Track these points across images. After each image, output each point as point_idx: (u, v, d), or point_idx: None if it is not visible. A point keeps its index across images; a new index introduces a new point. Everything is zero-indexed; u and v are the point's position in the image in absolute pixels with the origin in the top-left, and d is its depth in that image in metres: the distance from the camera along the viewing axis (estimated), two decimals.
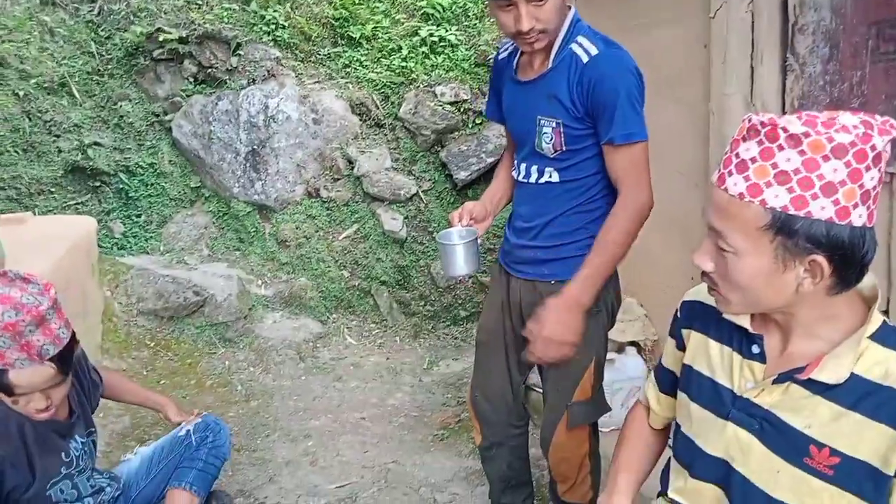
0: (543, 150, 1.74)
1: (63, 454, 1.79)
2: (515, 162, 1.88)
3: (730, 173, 0.99)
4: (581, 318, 1.69)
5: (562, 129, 1.70)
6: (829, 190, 0.92)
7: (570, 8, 1.72)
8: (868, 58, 1.74)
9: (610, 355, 2.67)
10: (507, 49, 1.89)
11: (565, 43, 1.68)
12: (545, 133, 1.72)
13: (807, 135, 0.92)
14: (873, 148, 0.92)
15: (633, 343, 2.91)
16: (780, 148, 0.94)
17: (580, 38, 1.67)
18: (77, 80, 4.68)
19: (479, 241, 1.84)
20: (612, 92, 1.61)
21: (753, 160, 0.96)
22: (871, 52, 1.73)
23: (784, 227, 0.94)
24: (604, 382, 1.99)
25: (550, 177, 1.76)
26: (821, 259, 0.95)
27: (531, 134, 1.76)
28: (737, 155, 0.99)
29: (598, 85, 1.62)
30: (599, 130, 1.66)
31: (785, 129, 0.93)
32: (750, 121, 0.98)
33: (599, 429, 2.68)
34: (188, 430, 2.11)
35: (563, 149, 1.72)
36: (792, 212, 0.93)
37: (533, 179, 1.80)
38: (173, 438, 2.14)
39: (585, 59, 1.64)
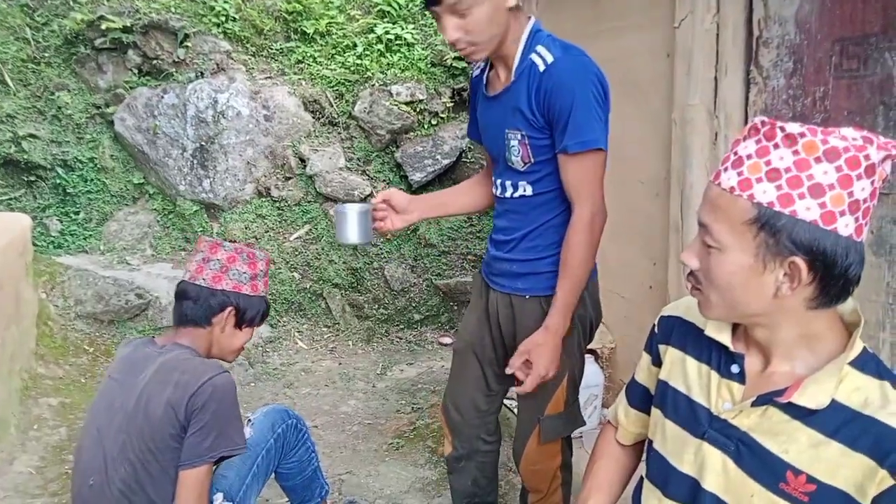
0: (514, 164, 1.71)
1: None
2: (493, 178, 1.86)
3: (725, 169, 1.00)
4: (556, 344, 1.70)
5: (527, 141, 1.67)
6: (817, 191, 0.91)
7: (529, 18, 1.69)
8: (831, 73, 1.76)
9: None
10: (479, 66, 1.86)
11: (525, 54, 1.65)
12: (513, 146, 1.69)
13: (802, 135, 0.92)
14: (867, 157, 0.91)
15: (590, 351, 2.91)
16: (776, 146, 0.94)
17: (539, 48, 1.63)
18: (10, 67, 4.42)
19: (370, 215, 1.84)
20: (566, 99, 1.57)
21: (749, 157, 0.97)
22: (834, 67, 1.75)
23: (768, 224, 0.94)
24: None
25: (525, 191, 1.73)
26: (800, 262, 0.94)
27: (502, 149, 1.74)
28: (735, 153, 1.00)
29: (554, 92, 1.59)
30: (556, 139, 1.63)
31: (783, 129, 0.94)
32: (754, 122, 0.99)
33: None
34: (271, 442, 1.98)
35: (532, 161, 1.69)
36: (777, 208, 0.93)
37: (508, 194, 1.78)
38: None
39: (542, 67, 1.61)
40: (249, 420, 1.99)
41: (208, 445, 1.58)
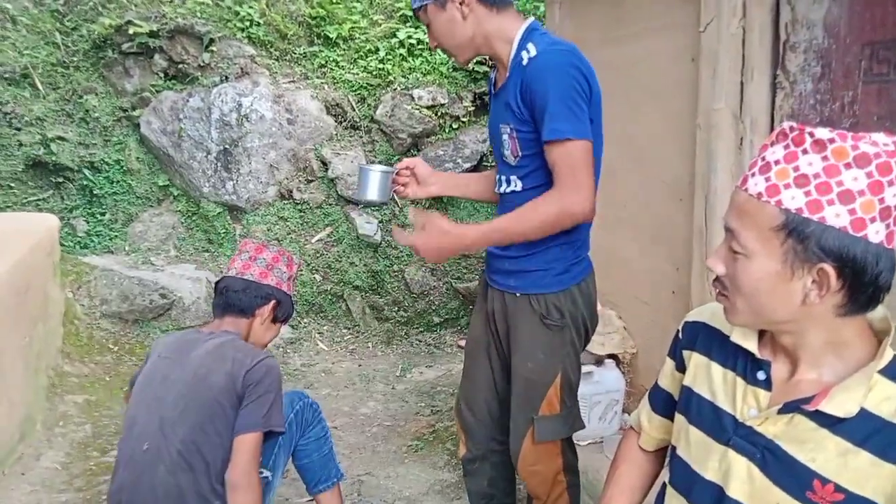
0: (507, 158, 1.75)
1: None
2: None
3: (752, 175, 0.99)
4: (453, 249, 1.69)
5: (515, 135, 1.70)
6: (847, 198, 0.90)
7: (525, 19, 1.74)
8: (861, 78, 1.73)
9: (588, 368, 2.65)
10: (494, 68, 1.91)
11: (517, 51, 1.69)
12: (504, 140, 1.73)
13: (832, 141, 0.91)
14: None
15: (611, 356, 2.89)
16: (805, 152, 0.93)
17: (528, 44, 1.67)
18: (40, 71, 4.51)
19: (391, 177, 1.92)
20: (544, 90, 1.59)
21: (777, 162, 0.96)
22: (863, 72, 1.73)
23: (796, 230, 0.93)
24: (582, 394, 1.96)
25: (515, 185, 1.76)
26: (829, 269, 0.92)
27: (497, 144, 1.79)
28: (763, 158, 0.99)
29: (534, 84, 1.61)
30: (539, 131, 1.65)
31: (811, 135, 0.92)
32: (781, 127, 0.97)
33: (576, 442, 2.68)
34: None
35: (520, 154, 1.71)
36: (806, 215, 0.92)
37: (503, 189, 1.80)
38: None
39: (526, 61, 1.65)
40: None
41: (263, 414, 1.75)
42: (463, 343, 4.41)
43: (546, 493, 1.93)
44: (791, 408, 1.03)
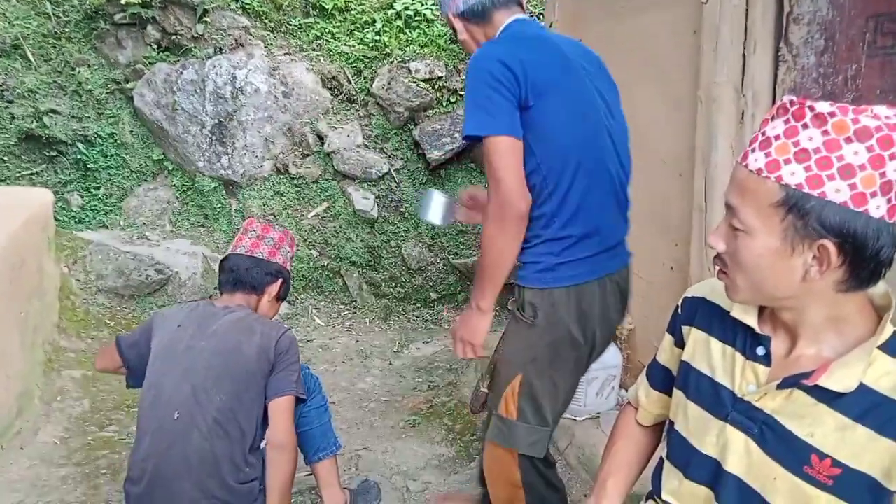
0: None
1: None
2: None
3: (753, 150, 0.98)
4: (483, 322, 1.71)
5: None
6: (847, 172, 0.89)
7: (510, 16, 1.75)
8: (865, 51, 1.71)
9: None
10: None
11: None
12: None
13: (833, 114, 0.90)
14: None
15: None
16: (805, 126, 0.92)
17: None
18: (31, 42, 4.43)
19: (454, 205, 2.01)
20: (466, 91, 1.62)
21: (777, 137, 0.95)
22: (867, 45, 1.70)
23: (796, 206, 0.92)
24: None
25: None
26: (830, 245, 0.92)
27: None
28: (763, 133, 0.98)
29: None
30: None
31: (812, 108, 0.91)
32: (782, 101, 0.96)
33: (573, 418, 2.69)
34: None
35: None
36: (806, 190, 0.91)
37: None
38: None
39: None
40: None
41: (294, 380, 1.87)
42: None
43: (503, 500, 1.84)
44: (790, 383, 1.03)
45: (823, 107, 0.91)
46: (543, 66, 1.59)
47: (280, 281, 2.06)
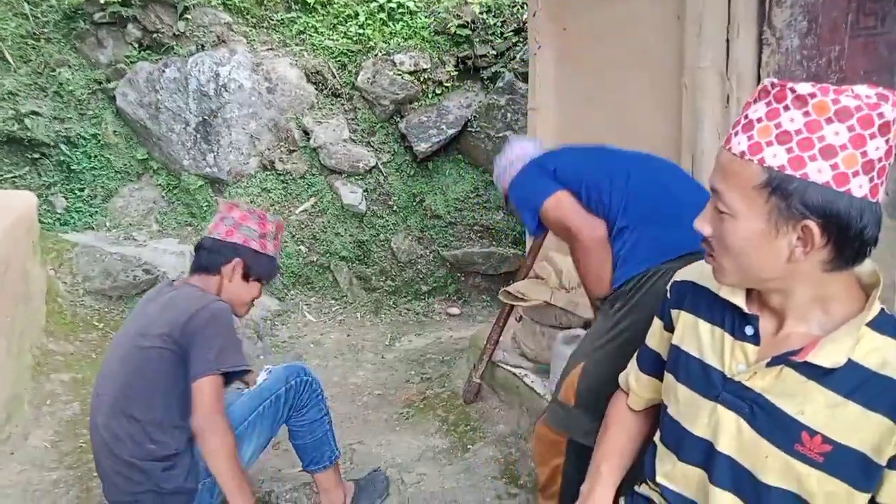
0: None
1: None
2: None
3: (736, 134, 0.98)
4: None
5: None
6: (829, 153, 0.90)
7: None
8: (847, 32, 1.71)
9: (577, 331, 2.66)
10: None
11: None
12: None
13: (813, 95, 0.90)
14: (881, 116, 0.89)
15: None
16: (786, 108, 0.93)
17: None
18: (10, 43, 4.38)
19: None
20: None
21: (759, 120, 0.95)
22: (850, 26, 1.70)
23: (779, 188, 0.93)
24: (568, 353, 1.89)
25: None
26: (813, 225, 0.92)
27: None
28: (745, 116, 0.98)
29: None
30: None
31: (793, 90, 0.92)
32: (763, 84, 0.97)
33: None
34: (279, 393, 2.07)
35: None
36: (788, 171, 0.91)
37: None
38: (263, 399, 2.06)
39: None
40: (269, 370, 2.13)
41: (212, 358, 1.77)
42: (452, 311, 4.42)
43: (541, 482, 1.85)
44: (779, 361, 1.03)
45: (804, 88, 0.91)
46: (558, 158, 1.88)
47: (236, 261, 1.98)
